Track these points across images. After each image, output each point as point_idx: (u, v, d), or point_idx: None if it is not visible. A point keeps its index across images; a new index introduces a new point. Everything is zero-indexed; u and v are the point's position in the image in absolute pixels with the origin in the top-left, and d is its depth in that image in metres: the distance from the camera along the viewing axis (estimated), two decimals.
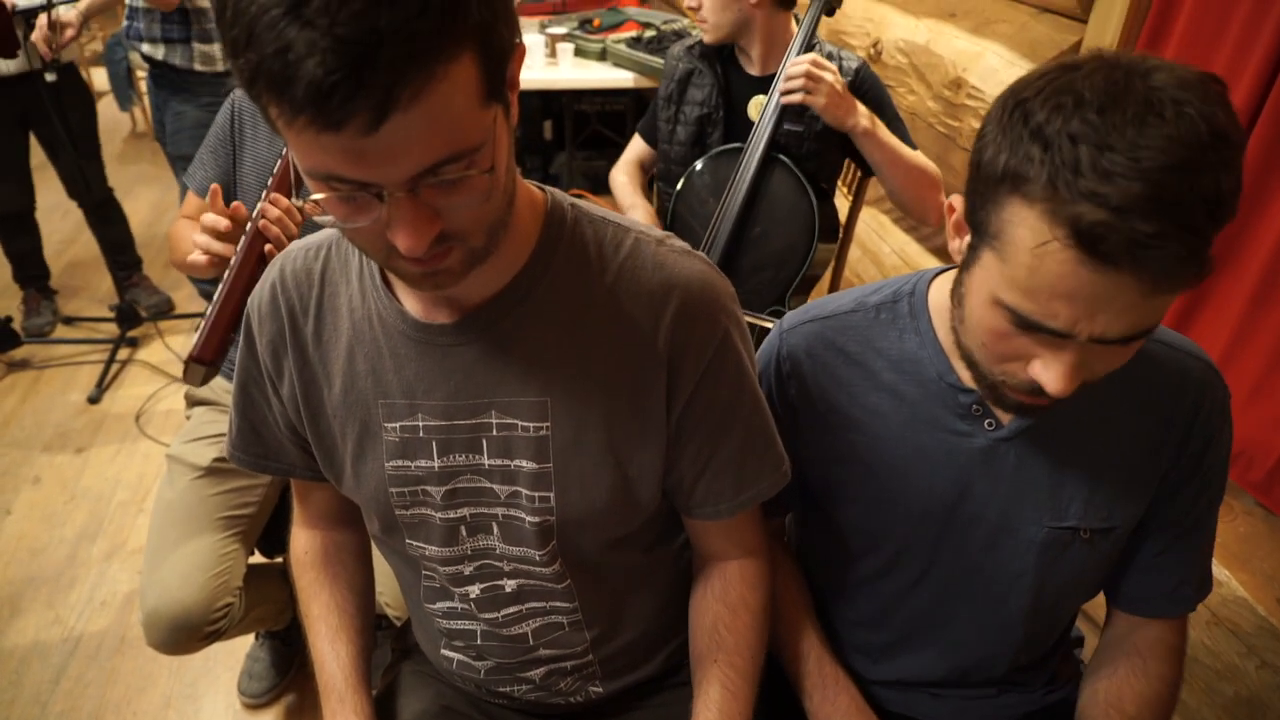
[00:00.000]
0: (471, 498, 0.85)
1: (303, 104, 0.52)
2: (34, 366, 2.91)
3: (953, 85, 1.95)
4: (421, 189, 0.59)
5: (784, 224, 1.68)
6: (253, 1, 0.51)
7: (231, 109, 1.54)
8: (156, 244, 3.69)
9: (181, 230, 1.53)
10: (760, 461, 0.86)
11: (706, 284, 0.80)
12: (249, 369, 0.91)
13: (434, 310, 0.79)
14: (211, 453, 1.53)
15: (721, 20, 1.67)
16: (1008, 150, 0.65)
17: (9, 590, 2.06)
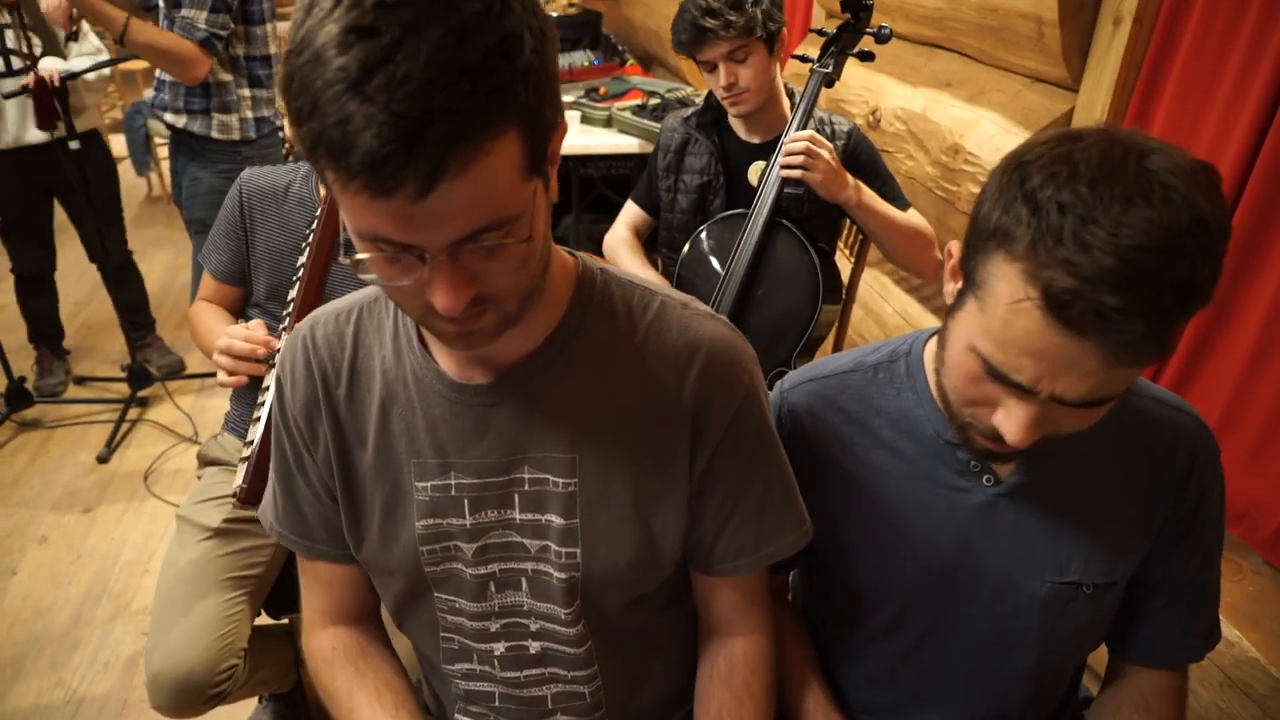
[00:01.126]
0: (502, 553, 0.86)
1: (358, 171, 0.56)
2: (45, 426, 2.94)
3: (950, 151, 2.01)
4: (462, 254, 0.63)
5: (789, 286, 1.72)
6: (319, 77, 0.56)
7: (240, 195, 1.58)
8: (169, 304, 3.75)
9: (203, 317, 1.59)
10: (781, 519, 0.88)
11: (729, 345, 0.84)
12: (285, 441, 0.92)
13: (470, 370, 0.82)
14: (221, 514, 1.54)
15: (761, 85, 1.71)
16: (1001, 208, 0.68)
17: (13, 651, 2.05)
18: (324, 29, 0.56)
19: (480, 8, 0.57)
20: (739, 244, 1.73)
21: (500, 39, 0.57)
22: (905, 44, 2.34)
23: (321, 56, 0.55)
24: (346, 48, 0.55)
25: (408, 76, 0.54)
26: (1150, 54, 1.63)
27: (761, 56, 1.67)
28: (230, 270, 1.59)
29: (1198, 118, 1.54)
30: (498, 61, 0.57)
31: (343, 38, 0.55)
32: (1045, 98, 1.86)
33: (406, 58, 0.54)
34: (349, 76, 0.54)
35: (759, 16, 1.62)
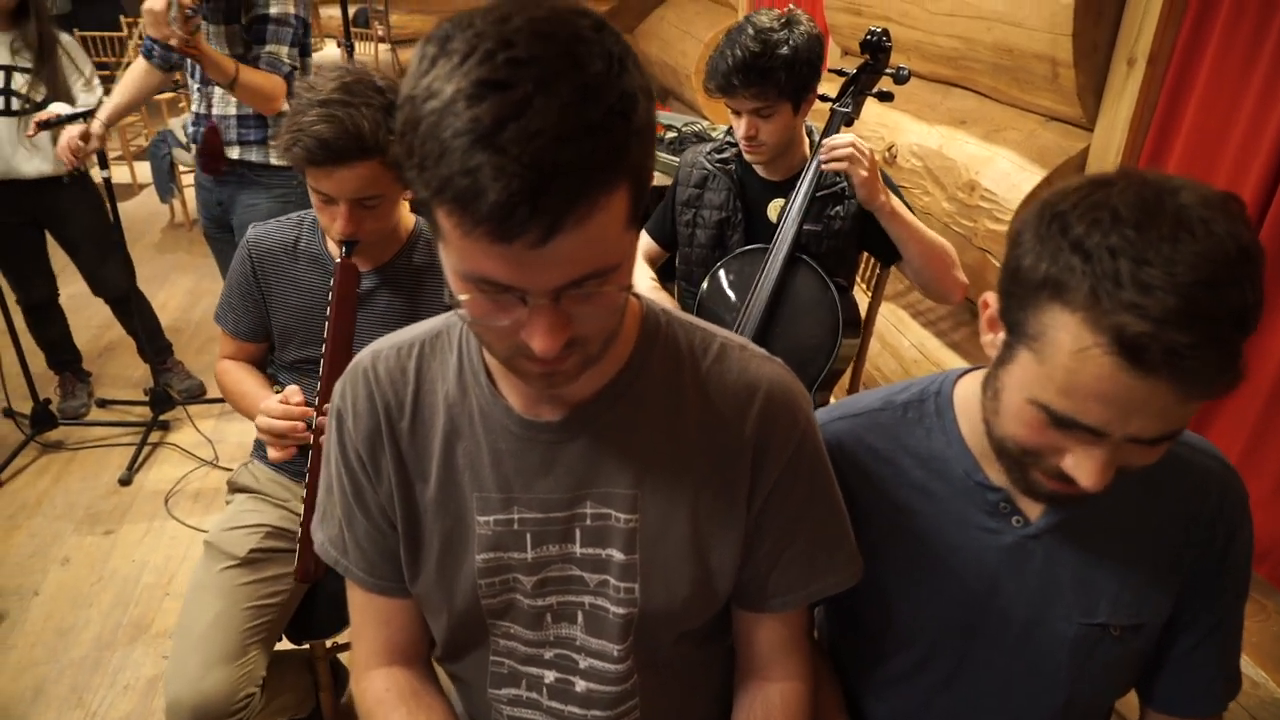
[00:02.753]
0: (561, 586, 0.88)
1: (484, 218, 0.58)
2: (68, 448, 2.97)
3: (966, 188, 2.04)
4: (564, 298, 0.65)
5: (808, 321, 1.74)
6: (448, 126, 0.58)
7: (250, 257, 1.58)
8: (191, 329, 3.80)
9: (232, 375, 1.64)
10: (832, 556, 0.90)
11: (787, 386, 0.87)
12: (344, 478, 0.92)
13: (538, 407, 0.84)
14: (249, 543, 1.55)
15: (780, 141, 1.73)
16: (1048, 259, 0.69)
17: (34, 672, 2.07)
18: (453, 80, 0.58)
19: (602, 67, 0.60)
20: (759, 279, 1.75)
21: (619, 98, 0.60)
22: (922, 82, 2.38)
23: (452, 107, 0.58)
24: (478, 100, 0.57)
25: (539, 131, 0.56)
26: (1165, 93, 1.66)
27: (786, 115, 1.69)
28: (249, 329, 1.63)
29: (1213, 156, 1.56)
30: (617, 120, 0.60)
31: (474, 90, 0.57)
32: (1060, 136, 1.89)
33: (537, 113, 0.56)
34: (480, 128, 0.56)
35: (785, 80, 1.63)
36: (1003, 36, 1.91)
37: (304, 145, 1.31)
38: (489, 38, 0.59)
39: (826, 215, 1.77)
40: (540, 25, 0.60)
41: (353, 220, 1.39)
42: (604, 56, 0.60)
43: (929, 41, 2.23)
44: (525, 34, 0.59)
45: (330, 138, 1.30)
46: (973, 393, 0.91)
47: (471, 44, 0.59)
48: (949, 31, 2.12)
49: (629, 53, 0.63)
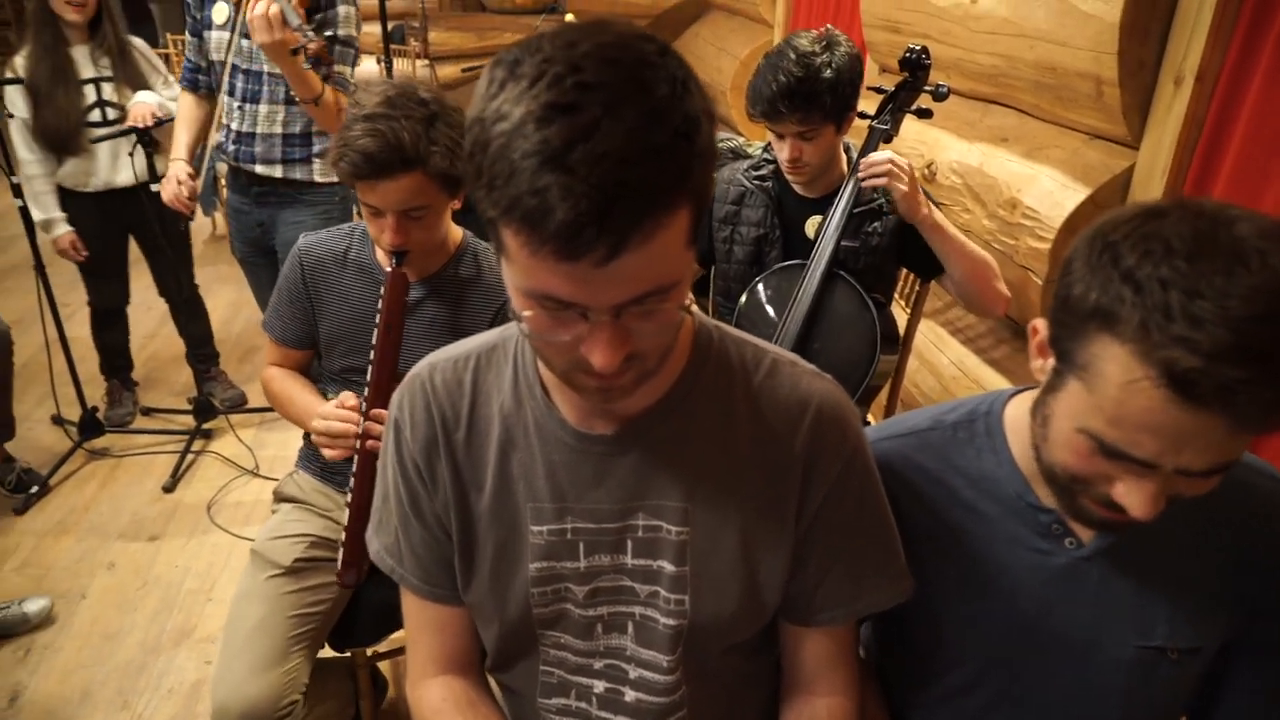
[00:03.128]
0: (612, 597, 0.89)
1: (551, 237, 0.60)
2: (113, 455, 3.04)
3: (1008, 206, 2.03)
4: (624, 314, 0.67)
5: (846, 337, 1.74)
6: (517, 148, 0.59)
7: (300, 265, 1.62)
8: (232, 340, 3.87)
9: (280, 383, 1.67)
10: (880, 573, 0.90)
11: (838, 402, 0.88)
12: (400, 485, 0.94)
13: (592, 419, 0.86)
14: (294, 552, 1.59)
15: (823, 162, 1.74)
16: (1098, 289, 0.70)
17: (81, 675, 2.12)
18: (522, 103, 0.60)
19: (667, 91, 0.61)
20: (796, 294, 1.76)
21: (683, 120, 0.62)
22: (961, 99, 2.38)
23: (521, 129, 0.59)
24: (548, 122, 0.59)
25: (606, 154, 0.58)
26: (1213, 112, 1.65)
27: (829, 136, 1.70)
28: (296, 336, 1.66)
29: (1263, 175, 1.55)
30: (681, 143, 0.62)
31: (544, 113, 0.59)
32: (1105, 154, 1.87)
33: (605, 135, 0.58)
34: (549, 149, 0.58)
35: (830, 103, 1.64)
36: (1045, 55, 1.91)
37: (349, 159, 1.35)
38: (558, 62, 0.61)
39: (864, 231, 1.77)
40: (607, 50, 0.62)
41: (400, 231, 1.42)
42: (668, 81, 0.62)
43: (969, 59, 2.23)
44: (593, 59, 0.61)
45: (374, 151, 1.34)
46: (1024, 414, 0.91)
47: (541, 68, 0.61)
48: (990, 49, 2.12)
49: (691, 76, 0.65)
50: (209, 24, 2.25)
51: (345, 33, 2.25)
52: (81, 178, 2.82)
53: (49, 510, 2.74)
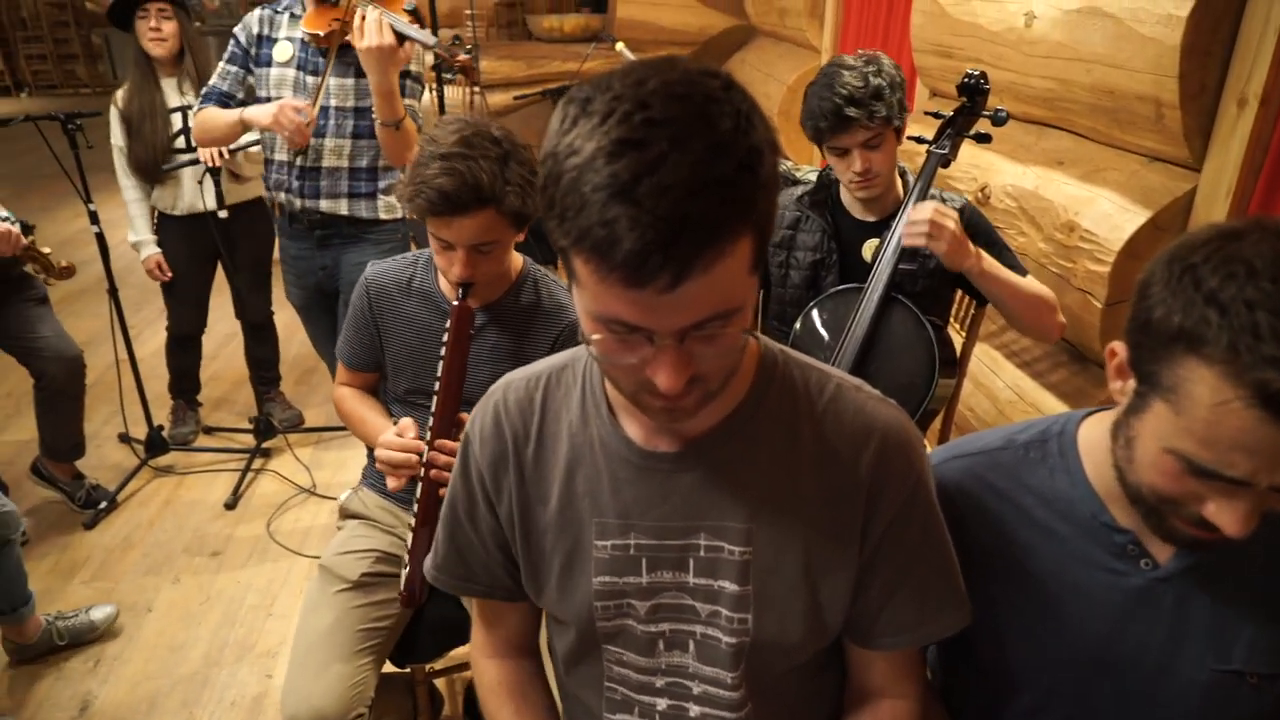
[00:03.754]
0: (673, 614, 0.91)
1: (619, 265, 0.63)
2: (177, 472, 3.13)
3: (1065, 229, 2.02)
4: (688, 338, 0.69)
5: (904, 361, 1.74)
6: (588, 181, 0.63)
7: (367, 293, 1.68)
8: (289, 362, 3.95)
9: (350, 403, 1.74)
10: (943, 599, 0.91)
11: (903, 428, 0.89)
12: (461, 494, 1.01)
13: (656, 439, 0.88)
14: (360, 567, 1.63)
15: (891, 169, 1.77)
16: (1180, 311, 0.71)
17: (148, 686, 2.18)
18: (593, 139, 0.64)
19: (731, 125, 0.64)
20: (853, 318, 1.76)
21: (747, 153, 0.65)
22: (1015, 123, 2.38)
23: (592, 163, 0.63)
24: (617, 157, 0.62)
25: (671, 185, 0.61)
26: (1278, 134, 1.63)
27: (892, 144, 1.74)
28: (364, 361, 1.72)
29: None
30: (744, 175, 0.65)
31: (613, 148, 0.63)
32: (1165, 177, 1.86)
33: (671, 169, 0.62)
34: (618, 182, 0.62)
35: (894, 104, 1.68)
36: (1103, 78, 1.91)
37: (426, 197, 1.40)
38: (627, 99, 0.64)
39: (922, 254, 1.77)
40: (674, 87, 0.65)
41: (469, 264, 1.46)
42: (733, 115, 0.65)
43: (1023, 83, 2.23)
44: (660, 96, 0.64)
45: (451, 190, 1.38)
46: (1098, 435, 0.91)
47: (610, 105, 0.64)
48: (1045, 73, 2.12)
49: (755, 109, 0.68)
50: (268, 61, 2.27)
51: (415, 68, 2.30)
52: (170, 201, 2.96)
53: (116, 525, 2.83)
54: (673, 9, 5.04)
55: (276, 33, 2.26)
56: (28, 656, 2.23)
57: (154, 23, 2.79)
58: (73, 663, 2.25)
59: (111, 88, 3.36)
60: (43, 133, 2.64)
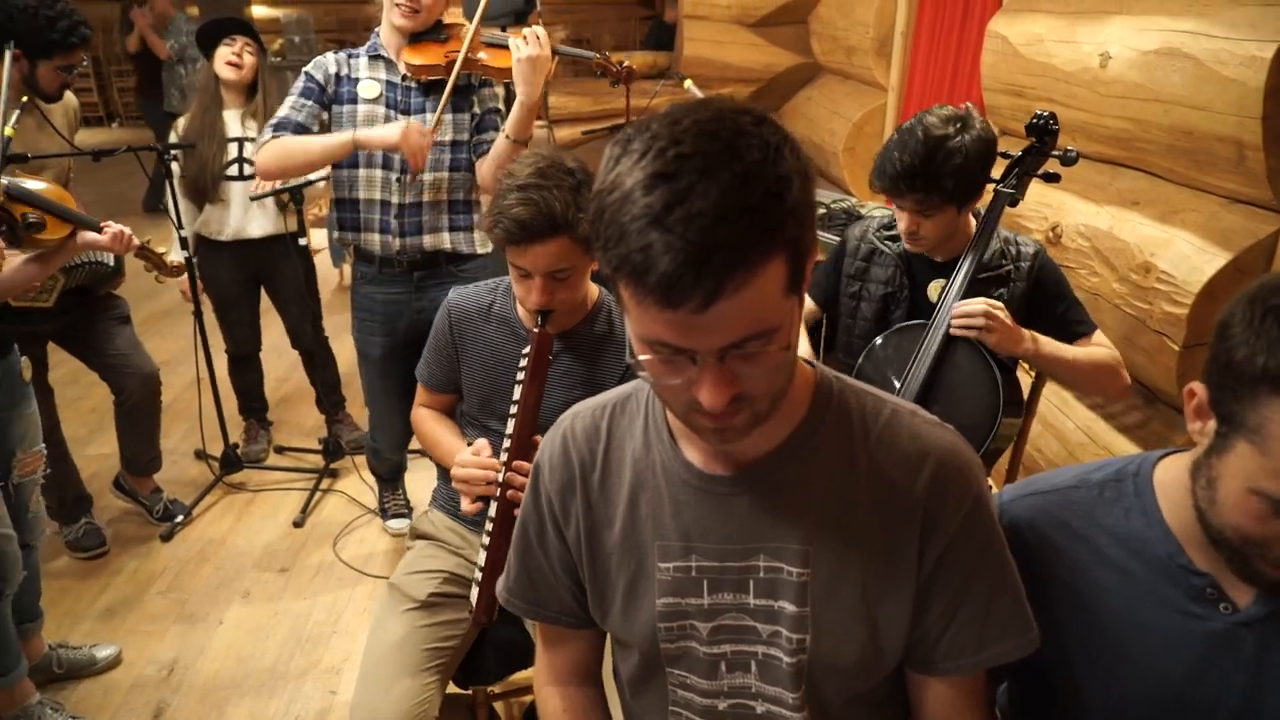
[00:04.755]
0: (734, 635, 0.93)
1: (653, 288, 0.68)
2: (249, 490, 3.23)
3: (1140, 270, 1.99)
4: (728, 357, 0.73)
5: (967, 399, 1.72)
6: (627, 212, 0.69)
7: (449, 317, 1.74)
8: (356, 385, 4.04)
9: (428, 424, 1.79)
10: (1004, 622, 0.90)
11: (959, 452, 0.90)
12: (531, 518, 1.05)
13: (715, 462, 0.91)
14: (428, 587, 1.67)
15: (941, 236, 1.76)
16: (1265, 352, 0.71)
17: (218, 695, 2.24)
18: (632, 174, 0.69)
19: (759, 156, 0.69)
20: (917, 354, 1.75)
21: (775, 182, 0.69)
22: (1088, 162, 2.35)
23: (630, 196, 0.69)
24: (651, 189, 0.68)
25: (700, 213, 0.66)
26: None
27: (949, 215, 1.71)
28: (442, 382, 1.78)
29: None
30: (771, 202, 0.69)
31: (649, 181, 0.68)
32: (1247, 219, 1.83)
33: (699, 197, 0.66)
34: (652, 212, 0.67)
35: (951, 187, 1.64)
36: (1182, 119, 1.89)
37: (504, 226, 1.46)
38: (662, 138, 0.70)
39: (991, 296, 1.75)
40: (705, 124, 0.70)
41: (546, 291, 1.51)
42: (761, 147, 0.70)
43: (1097, 123, 2.22)
44: (691, 133, 0.70)
45: (527, 219, 1.44)
46: (1175, 476, 0.90)
47: (648, 144, 0.70)
48: (1120, 113, 2.11)
49: (787, 141, 0.72)
50: (351, 99, 2.30)
51: (494, 104, 2.38)
52: (217, 226, 3.05)
53: (191, 539, 2.93)
54: (739, 47, 5.10)
55: (357, 73, 2.31)
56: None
57: (237, 49, 2.93)
58: (148, 671, 2.33)
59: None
60: (142, 162, 2.80)
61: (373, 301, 2.44)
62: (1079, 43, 2.27)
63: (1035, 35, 2.47)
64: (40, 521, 2.14)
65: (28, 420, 2.02)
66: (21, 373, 1.99)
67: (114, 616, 2.54)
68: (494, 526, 1.49)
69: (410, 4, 2.22)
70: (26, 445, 2.02)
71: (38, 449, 2.06)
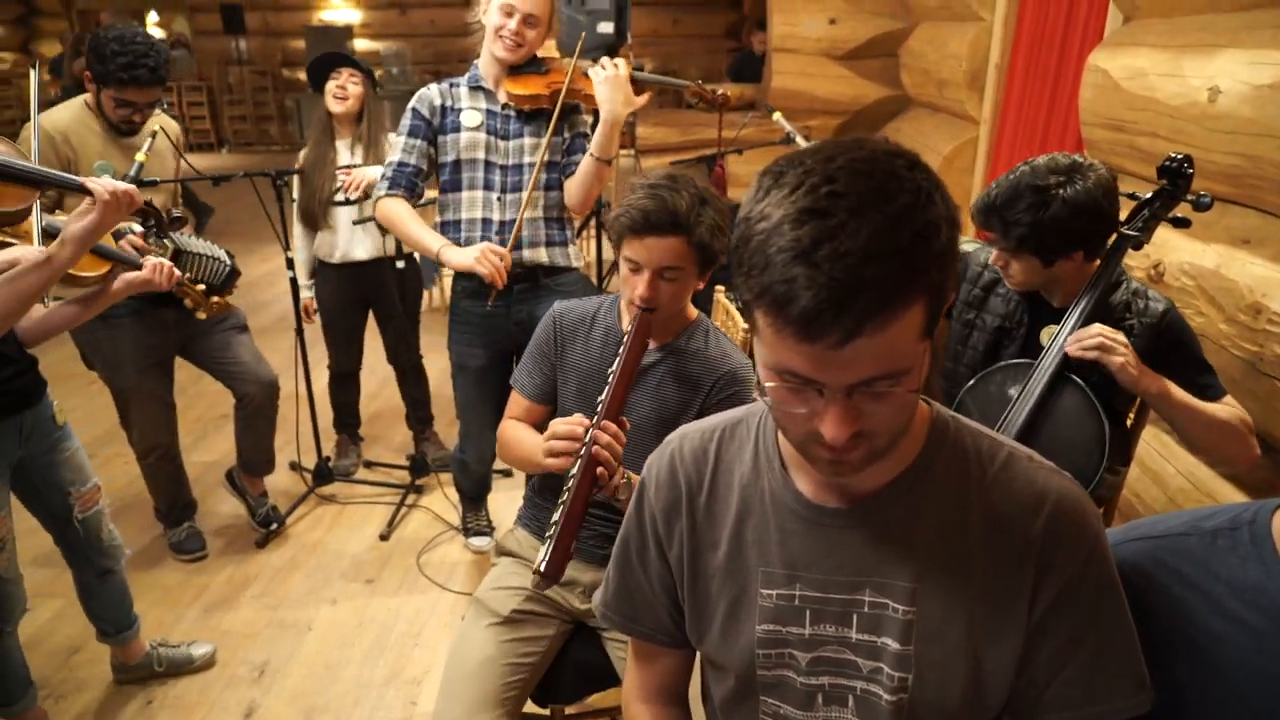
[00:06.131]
0: (834, 668, 0.93)
1: (794, 320, 0.70)
2: (339, 501, 3.35)
3: (1250, 311, 1.91)
4: (856, 394, 0.74)
5: (1070, 445, 1.65)
6: (774, 244, 0.70)
7: (554, 325, 1.81)
8: (442, 404, 4.16)
9: (515, 430, 1.81)
10: (1115, 678, 0.88)
11: (1077, 500, 0.88)
12: (634, 534, 1.07)
13: (826, 494, 0.92)
14: (511, 603, 1.71)
15: (1029, 280, 1.72)
16: None
17: (305, 701, 2.32)
18: (782, 207, 0.71)
19: (910, 200, 0.70)
20: (1022, 392, 1.69)
21: (924, 226, 0.70)
22: None
23: (779, 228, 0.70)
24: (801, 224, 0.69)
25: (848, 251, 0.67)
26: None
27: (1030, 264, 1.66)
28: (540, 392, 1.82)
29: None
30: (919, 246, 0.70)
31: (799, 216, 0.70)
32: None
33: (849, 236, 0.68)
34: (800, 246, 0.69)
35: (1028, 237, 1.60)
36: None
37: (628, 216, 1.55)
38: (816, 174, 0.71)
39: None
40: (860, 164, 0.72)
41: (653, 286, 1.57)
42: (913, 191, 0.71)
43: (1204, 159, 2.14)
44: (846, 171, 0.71)
45: (651, 209, 1.53)
46: None
47: (801, 179, 0.72)
48: (1230, 149, 2.03)
49: (937, 187, 0.73)
50: (455, 127, 2.44)
51: (584, 129, 2.50)
52: (327, 249, 3.23)
53: (284, 546, 3.05)
54: (827, 79, 5.11)
55: (459, 103, 2.45)
56: (128, 678, 2.38)
57: (342, 81, 3.10)
58: (240, 671, 2.43)
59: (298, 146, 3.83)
60: (256, 187, 2.96)
61: (472, 315, 2.54)
62: (1186, 76, 2.20)
63: (1138, 69, 2.41)
64: (117, 548, 2.21)
65: (71, 460, 2.06)
66: (54, 416, 2.03)
67: (210, 617, 2.66)
68: (574, 482, 1.46)
69: (514, 38, 2.35)
70: (78, 484, 2.07)
71: (92, 484, 2.11)
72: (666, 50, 11.97)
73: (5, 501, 1.91)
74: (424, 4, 12.79)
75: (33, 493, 2.03)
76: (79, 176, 1.72)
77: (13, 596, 1.97)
